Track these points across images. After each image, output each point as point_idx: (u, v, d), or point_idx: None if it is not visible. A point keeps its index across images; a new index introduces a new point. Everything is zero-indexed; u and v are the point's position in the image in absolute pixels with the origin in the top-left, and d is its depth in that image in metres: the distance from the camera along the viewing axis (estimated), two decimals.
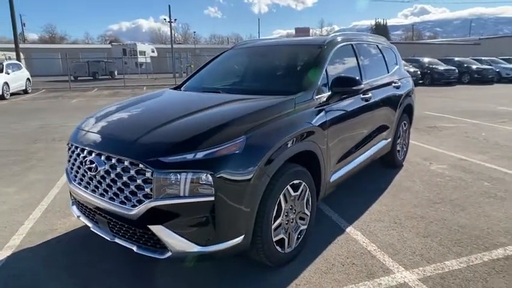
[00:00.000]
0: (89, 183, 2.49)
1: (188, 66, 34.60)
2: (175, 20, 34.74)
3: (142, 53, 38.22)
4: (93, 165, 2.36)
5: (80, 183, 2.60)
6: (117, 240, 2.41)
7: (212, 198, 2.10)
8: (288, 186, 2.55)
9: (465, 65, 21.38)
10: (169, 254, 2.19)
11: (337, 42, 3.59)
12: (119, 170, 2.25)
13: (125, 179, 2.22)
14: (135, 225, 2.25)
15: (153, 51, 41.75)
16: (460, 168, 4.95)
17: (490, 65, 22.00)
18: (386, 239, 3.06)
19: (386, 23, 35.21)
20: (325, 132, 2.94)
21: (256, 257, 2.49)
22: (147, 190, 2.14)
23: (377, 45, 4.54)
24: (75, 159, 2.61)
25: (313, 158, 2.85)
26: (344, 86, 3.07)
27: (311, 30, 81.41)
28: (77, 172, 2.62)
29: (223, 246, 2.20)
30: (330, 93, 3.09)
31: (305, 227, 2.83)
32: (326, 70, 3.20)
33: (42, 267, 2.73)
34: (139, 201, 2.18)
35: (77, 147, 2.62)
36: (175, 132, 2.35)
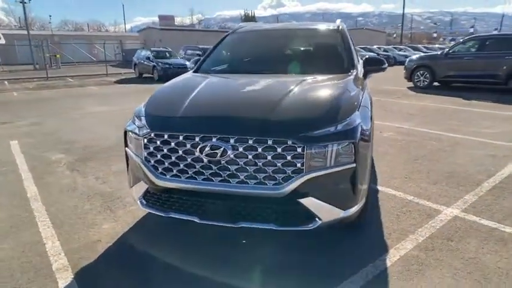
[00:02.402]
0: (199, 172, 2.37)
1: (53, 56, 30.17)
2: (29, 0, 29.64)
3: None
4: (218, 150, 2.27)
5: (178, 176, 2.43)
6: (243, 225, 2.38)
7: (354, 165, 2.35)
8: None
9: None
10: (319, 222, 2.34)
11: (344, 27, 4.07)
12: (259, 150, 2.24)
13: (269, 158, 2.24)
14: (279, 203, 2.30)
15: None
16: (405, 134, 6.10)
17: (387, 51, 28.46)
18: (412, 190, 3.77)
19: (254, 14, 37.42)
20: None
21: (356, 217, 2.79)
22: (298, 165, 2.24)
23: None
24: (173, 150, 2.41)
25: None
26: (375, 65, 3.58)
27: (178, 19, 79.74)
28: (176, 164, 2.42)
29: (355, 209, 2.48)
30: (363, 71, 3.56)
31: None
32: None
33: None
34: (285, 179, 2.24)
35: (172, 136, 2.41)
36: (304, 108, 2.51)
